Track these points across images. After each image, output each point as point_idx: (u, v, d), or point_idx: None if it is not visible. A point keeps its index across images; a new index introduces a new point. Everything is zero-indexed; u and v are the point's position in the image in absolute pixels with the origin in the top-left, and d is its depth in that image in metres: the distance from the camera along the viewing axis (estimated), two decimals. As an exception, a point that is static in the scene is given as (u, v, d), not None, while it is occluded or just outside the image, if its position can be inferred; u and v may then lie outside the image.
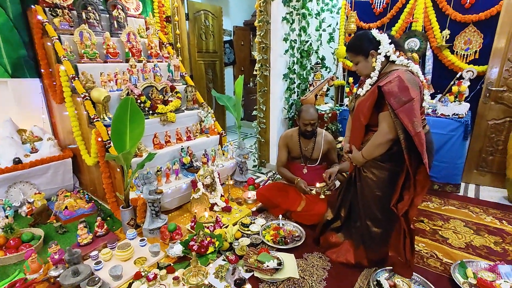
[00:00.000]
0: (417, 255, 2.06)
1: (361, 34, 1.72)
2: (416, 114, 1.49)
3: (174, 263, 1.98)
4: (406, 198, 1.57)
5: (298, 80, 3.77)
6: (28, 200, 2.72)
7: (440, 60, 3.28)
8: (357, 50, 1.71)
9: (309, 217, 2.36)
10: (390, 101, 1.51)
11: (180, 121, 3.14)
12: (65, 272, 1.82)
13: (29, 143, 2.94)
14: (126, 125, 2.21)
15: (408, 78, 1.53)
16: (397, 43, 1.66)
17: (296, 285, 1.80)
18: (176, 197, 2.72)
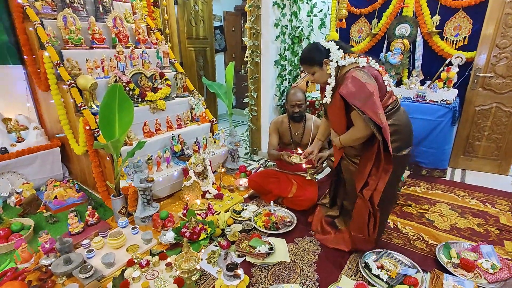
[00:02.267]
0: (404, 238, 2.13)
1: (311, 46, 1.81)
2: (378, 106, 1.56)
3: (166, 250, 2.00)
4: (371, 184, 1.68)
5: (290, 67, 3.75)
6: (16, 190, 2.68)
7: (430, 46, 3.29)
8: (311, 62, 1.80)
9: (300, 202, 2.40)
10: (353, 102, 1.58)
11: (171, 109, 3.10)
12: (57, 261, 1.82)
13: (15, 132, 2.87)
14: (115, 113, 2.17)
15: (360, 75, 1.61)
16: (344, 47, 1.76)
17: (287, 269, 1.84)
18: (168, 185, 2.72)
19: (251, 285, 1.71)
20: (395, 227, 2.26)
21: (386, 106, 1.69)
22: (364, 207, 1.73)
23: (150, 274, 1.77)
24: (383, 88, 1.69)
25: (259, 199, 2.73)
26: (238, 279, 1.64)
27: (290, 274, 1.79)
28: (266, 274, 1.79)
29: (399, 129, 1.70)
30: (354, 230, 1.83)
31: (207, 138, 3.22)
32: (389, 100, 1.71)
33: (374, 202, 1.68)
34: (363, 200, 1.71)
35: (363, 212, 1.74)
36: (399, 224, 2.29)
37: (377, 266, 1.75)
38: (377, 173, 1.66)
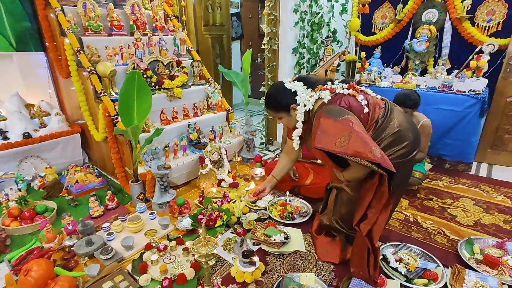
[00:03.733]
0: (424, 232, 2.10)
1: (274, 90, 1.69)
2: (366, 140, 1.35)
3: (183, 236, 2.07)
4: (370, 217, 1.48)
5: (308, 55, 3.69)
6: (40, 174, 2.81)
7: (459, 33, 3.15)
8: (277, 108, 1.68)
9: (317, 190, 2.39)
10: (334, 151, 1.38)
11: (187, 97, 3.14)
12: (79, 242, 1.92)
13: (38, 118, 3.00)
14: (133, 99, 2.22)
15: (330, 114, 1.45)
16: (311, 82, 1.64)
17: (303, 258, 1.86)
18: (184, 172, 2.78)
19: (266, 273, 1.74)
20: (415, 221, 2.23)
21: (376, 121, 1.53)
22: (362, 244, 1.52)
23: (167, 258, 1.84)
24: (361, 111, 1.51)
25: (274, 188, 2.74)
26: (254, 266, 1.68)
27: (305, 264, 1.82)
28: (282, 263, 1.82)
29: (402, 133, 1.51)
30: (354, 266, 1.63)
31: (223, 127, 3.25)
32: (375, 114, 1.53)
33: (374, 238, 1.47)
34: (361, 237, 1.50)
35: (362, 250, 1.54)
36: (419, 218, 2.26)
37: (395, 259, 1.74)
38: (378, 205, 1.45)
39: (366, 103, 1.53)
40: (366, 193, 1.51)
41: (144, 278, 1.66)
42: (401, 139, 1.51)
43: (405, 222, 2.21)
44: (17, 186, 2.57)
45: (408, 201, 2.50)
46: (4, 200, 2.40)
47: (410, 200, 2.52)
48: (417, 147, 1.57)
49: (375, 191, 1.45)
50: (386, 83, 3.34)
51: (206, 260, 1.40)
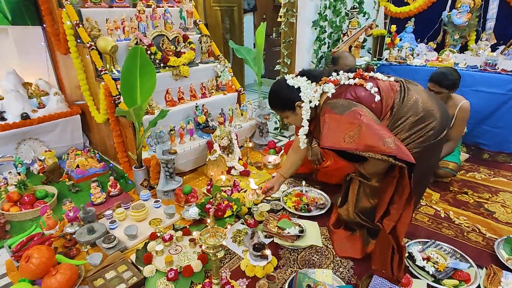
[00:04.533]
0: (456, 229, 2.07)
1: (276, 88, 1.70)
2: (377, 131, 1.33)
3: (190, 226, 2.11)
4: (393, 213, 1.48)
5: (330, 29, 3.60)
6: (39, 157, 2.91)
7: (508, 3, 2.99)
8: (281, 107, 1.71)
9: (336, 173, 2.38)
10: (344, 148, 1.37)
11: (194, 76, 3.14)
12: (81, 230, 1.99)
13: (36, 97, 3.08)
14: (136, 78, 2.24)
15: (335, 109, 1.45)
16: (315, 75, 1.65)
17: (319, 253, 1.88)
18: (191, 158, 2.82)
19: (278, 268, 1.77)
20: (446, 217, 2.20)
21: (391, 108, 1.51)
22: (386, 242, 1.52)
23: (173, 248, 1.89)
24: (372, 100, 1.50)
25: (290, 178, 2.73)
26: (266, 260, 1.70)
27: (321, 259, 1.83)
28: (296, 258, 1.84)
29: (426, 112, 1.48)
30: (376, 264, 1.63)
31: (233, 109, 3.25)
32: (389, 100, 1.51)
33: (399, 237, 1.47)
34: (384, 233, 1.50)
35: (385, 248, 1.54)
36: (451, 214, 2.22)
37: (423, 257, 1.73)
38: (400, 200, 1.45)
39: (376, 91, 1.51)
40: (386, 187, 1.51)
41: (149, 269, 1.71)
42: (424, 119, 1.48)
43: (435, 218, 2.19)
44: (16, 170, 2.67)
45: (439, 195, 2.46)
46: (3, 184, 2.51)
47: (441, 193, 2.48)
48: (446, 127, 1.53)
49: (396, 185, 1.45)
50: (419, 61, 3.24)
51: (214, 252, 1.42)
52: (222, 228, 1.44)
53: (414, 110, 1.49)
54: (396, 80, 1.60)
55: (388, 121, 1.51)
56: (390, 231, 1.48)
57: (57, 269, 1.59)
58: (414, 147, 1.49)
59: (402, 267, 1.54)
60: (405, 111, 1.49)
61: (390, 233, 1.48)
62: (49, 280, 1.54)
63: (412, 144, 1.49)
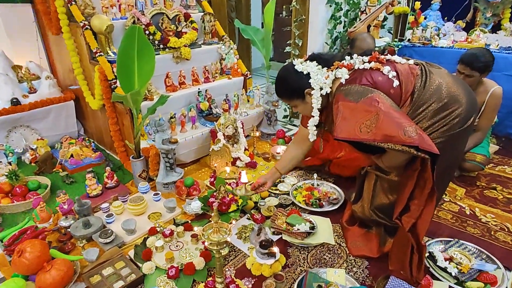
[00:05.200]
0: (482, 227, 2.05)
1: (284, 74, 1.69)
2: (397, 119, 1.31)
3: (192, 221, 2.14)
4: (413, 209, 1.48)
5: (347, 6, 3.54)
6: (31, 146, 2.95)
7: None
8: (289, 95, 1.71)
9: (350, 163, 2.37)
10: (362, 140, 1.36)
11: (197, 59, 3.13)
12: (76, 223, 2.03)
13: (26, 82, 3.11)
14: (134, 60, 2.24)
15: (350, 96, 1.43)
16: (326, 59, 1.63)
17: (331, 252, 1.89)
18: (193, 148, 2.83)
19: (287, 266, 1.79)
20: (472, 214, 2.19)
21: (411, 93, 1.48)
22: (404, 240, 1.52)
23: (174, 244, 1.92)
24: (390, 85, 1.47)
25: (299, 170, 2.76)
26: (273, 258, 1.72)
27: (334, 258, 1.84)
28: (306, 256, 1.86)
29: (450, 97, 1.45)
30: (394, 264, 1.64)
31: (239, 95, 3.24)
32: (409, 85, 1.49)
33: (419, 235, 1.47)
34: (403, 231, 1.50)
35: (404, 247, 1.54)
36: (477, 211, 2.21)
37: (445, 257, 1.73)
38: (422, 196, 1.44)
39: (394, 75, 1.49)
40: (406, 181, 1.49)
41: (148, 266, 1.74)
42: (448, 105, 1.45)
43: (459, 215, 2.18)
44: (7, 159, 2.72)
45: (464, 190, 2.45)
46: (-6, 174, 2.56)
47: (467, 188, 2.46)
48: (473, 114, 1.50)
49: (417, 178, 1.44)
50: (445, 42, 3.18)
51: (218, 248, 1.44)
52: (226, 224, 1.46)
53: (437, 96, 1.46)
54: (416, 63, 1.57)
55: (408, 108, 1.50)
56: (410, 229, 1.48)
57: (52, 264, 1.62)
58: (438, 136, 1.47)
59: (422, 267, 1.54)
60: (427, 97, 1.47)
61: (409, 231, 1.48)
62: (43, 275, 1.58)
63: (435, 134, 1.47)
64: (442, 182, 1.67)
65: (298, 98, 1.69)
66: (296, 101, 1.71)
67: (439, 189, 1.53)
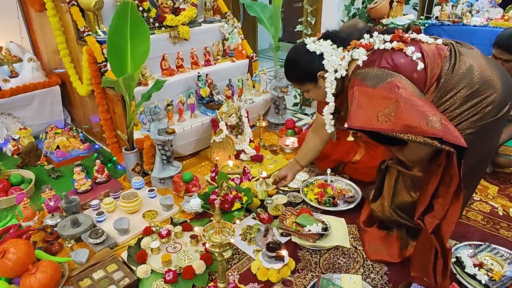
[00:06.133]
0: (517, 230, 2.05)
1: (293, 55, 1.70)
2: (420, 108, 1.30)
3: (191, 220, 2.16)
4: (437, 209, 1.47)
5: (366, -21, 3.50)
6: (13, 136, 2.99)
7: None
8: (300, 78, 1.71)
9: (369, 171, 2.37)
10: (380, 130, 1.35)
11: (196, 39, 3.12)
12: (63, 222, 2.06)
13: (7, 64, 3.13)
14: (126, 41, 2.24)
15: (368, 80, 1.42)
16: (342, 38, 1.62)
17: (346, 256, 1.89)
18: (192, 140, 2.84)
19: (297, 271, 1.80)
20: (505, 215, 2.18)
21: (438, 78, 1.46)
22: (427, 244, 1.53)
23: (171, 246, 1.94)
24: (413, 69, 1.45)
25: (311, 165, 2.75)
26: (281, 262, 1.73)
27: (349, 263, 1.85)
28: (318, 260, 1.87)
29: (483, 82, 1.42)
30: (416, 270, 1.65)
31: (243, 80, 3.24)
32: (435, 69, 1.46)
33: (443, 238, 1.46)
34: (426, 233, 1.50)
35: (427, 251, 1.54)
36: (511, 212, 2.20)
37: (474, 263, 1.73)
38: (447, 194, 1.43)
39: (419, 56, 1.46)
40: (430, 177, 1.49)
41: (143, 269, 1.76)
42: (480, 92, 1.43)
43: (491, 216, 2.17)
44: (-13, 150, 2.77)
45: (497, 188, 2.43)
46: (-28, 167, 2.60)
47: (501, 186, 2.45)
48: (509, 101, 1.48)
49: (442, 174, 1.43)
50: (478, 20, 3.13)
51: (220, 251, 1.45)
52: (229, 224, 1.47)
53: (467, 80, 1.44)
54: (445, 43, 1.54)
55: (433, 95, 1.48)
56: (433, 231, 1.47)
57: (37, 266, 1.65)
58: (467, 127, 1.45)
59: (448, 274, 1.54)
60: (455, 82, 1.45)
61: (432, 233, 1.47)
62: (28, 278, 1.61)
63: (464, 124, 1.45)
64: (471, 179, 1.66)
65: (310, 82, 1.69)
66: (308, 85, 1.71)
67: (467, 186, 1.51)
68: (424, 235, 1.55)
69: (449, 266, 1.54)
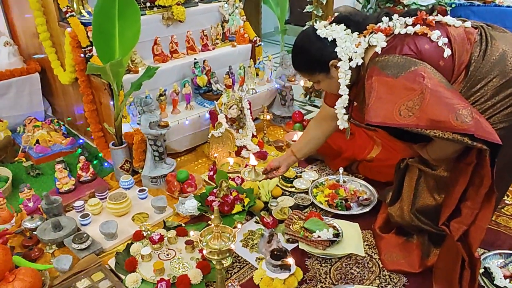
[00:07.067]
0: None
1: (302, 42, 1.69)
2: (447, 100, 1.31)
3: (186, 224, 2.16)
4: (465, 213, 1.48)
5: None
6: (-13, 130, 3.00)
7: None
8: (309, 67, 1.71)
9: (385, 170, 2.37)
10: (402, 125, 1.36)
11: (193, 20, 3.12)
12: (44, 225, 2.07)
13: (-20, 49, 3.13)
14: (114, 22, 2.24)
15: (388, 69, 1.42)
16: (357, 22, 1.61)
17: (360, 265, 1.89)
18: (188, 134, 2.85)
19: (305, 282, 1.81)
20: (539, 220, 2.18)
21: (466, 66, 1.47)
22: (453, 252, 1.53)
23: (164, 253, 1.95)
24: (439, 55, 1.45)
25: (321, 163, 2.76)
26: (287, 271, 1.73)
27: (363, 273, 1.85)
28: (328, 270, 1.87)
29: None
30: (439, 282, 1.66)
31: (245, 67, 3.23)
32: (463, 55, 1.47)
33: (472, 246, 1.47)
34: (451, 241, 1.50)
35: (452, 260, 1.55)
36: (547, 217, 2.20)
37: (505, 274, 1.73)
38: (477, 196, 1.44)
39: (446, 42, 1.46)
40: (458, 177, 1.49)
41: (132, 278, 1.77)
42: None
43: (524, 222, 2.16)
44: (-41, 145, 2.78)
45: (532, 190, 2.42)
46: None
47: (535, 188, 2.44)
48: None
49: (471, 174, 1.44)
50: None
51: (219, 258, 1.46)
52: (229, 228, 1.47)
53: (500, 68, 1.44)
54: (475, 26, 1.54)
55: (461, 85, 1.48)
56: (460, 238, 1.47)
57: (15, 274, 1.66)
58: (499, 120, 1.46)
59: (476, 286, 1.54)
60: (487, 70, 1.45)
61: (459, 241, 1.48)
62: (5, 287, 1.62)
63: (497, 117, 1.46)
64: (504, 180, 1.65)
65: (321, 72, 1.68)
66: (319, 75, 1.70)
67: (498, 188, 1.50)
68: (450, 242, 1.55)
69: (477, 277, 1.54)
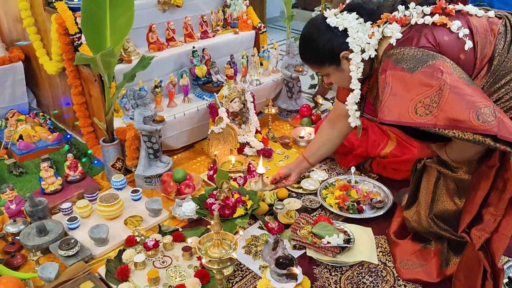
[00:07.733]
0: None
1: (310, 32, 1.69)
2: (468, 97, 1.30)
3: (183, 228, 2.16)
4: (487, 220, 1.48)
5: None
6: (-34, 124, 3.00)
7: None
8: (318, 59, 1.71)
9: (400, 167, 2.38)
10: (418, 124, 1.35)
11: (191, 5, 3.12)
12: (28, 229, 2.07)
13: (-41, 36, 3.13)
14: (105, 8, 2.23)
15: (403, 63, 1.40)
16: (371, 10, 1.61)
17: (374, 274, 1.89)
18: (185, 130, 2.84)
19: (313, 293, 1.80)
20: None
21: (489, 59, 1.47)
22: (474, 261, 1.55)
23: (159, 260, 1.94)
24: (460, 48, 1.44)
25: (331, 161, 2.75)
26: (294, 281, 1.72)
27: (377, 283, 1.85)
28: (338, 279, 1.86)
29: None
30: None
31: (249, 56, 3.22)
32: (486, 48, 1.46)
33: (494, 255, 1.48)
34: (472, 249, 1.52)
35: (474, 270, 1.56)
36: None
37: (532, 285, 1.72)
38: (500, 202, 1.44)
39: (467, 33, 1.45)
40: (479, 181, 1.50)
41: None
42: None
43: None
44: None
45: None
46: None
47: None
48: None
49: (494, 178, 1.44)
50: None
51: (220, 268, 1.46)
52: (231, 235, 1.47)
53: None
54: (499, 16, 1.53)
55: (483, 81, 1.48)
56: (481, 247, 1.48)
57: (-3, 283, 1.66)
58: None
59: None
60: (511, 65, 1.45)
61: (481, 250, 1.48)
62: (-15, 298, 1.62)
63: None
64: None
65: (330, 64, 1.68)
66: (328, 68, 1.70)
67: None
68: (470, 251, 1.56)
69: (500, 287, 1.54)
